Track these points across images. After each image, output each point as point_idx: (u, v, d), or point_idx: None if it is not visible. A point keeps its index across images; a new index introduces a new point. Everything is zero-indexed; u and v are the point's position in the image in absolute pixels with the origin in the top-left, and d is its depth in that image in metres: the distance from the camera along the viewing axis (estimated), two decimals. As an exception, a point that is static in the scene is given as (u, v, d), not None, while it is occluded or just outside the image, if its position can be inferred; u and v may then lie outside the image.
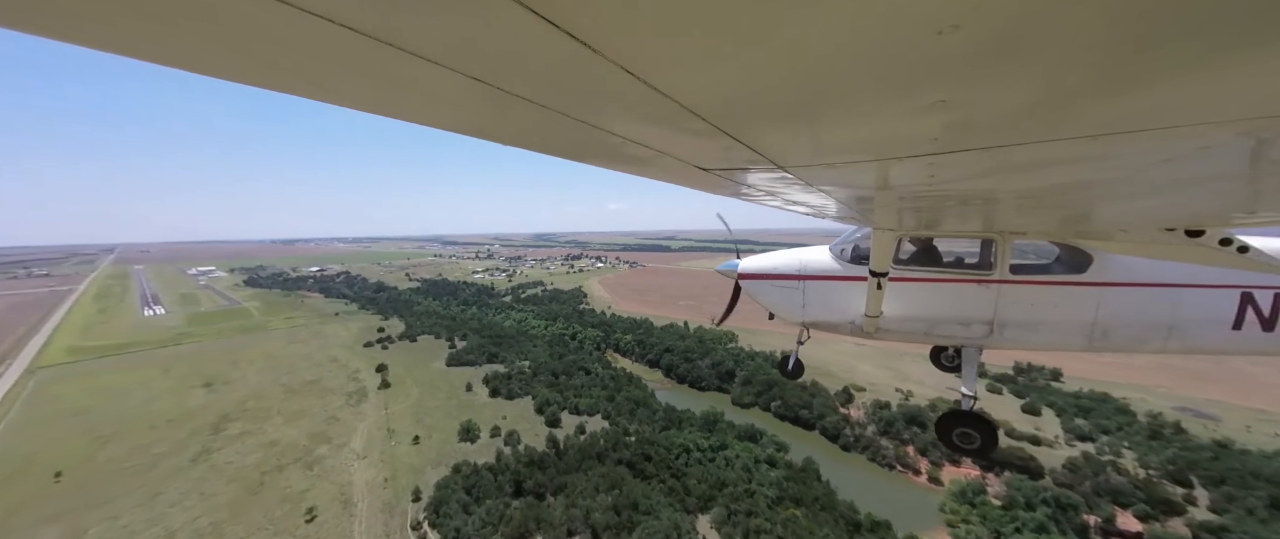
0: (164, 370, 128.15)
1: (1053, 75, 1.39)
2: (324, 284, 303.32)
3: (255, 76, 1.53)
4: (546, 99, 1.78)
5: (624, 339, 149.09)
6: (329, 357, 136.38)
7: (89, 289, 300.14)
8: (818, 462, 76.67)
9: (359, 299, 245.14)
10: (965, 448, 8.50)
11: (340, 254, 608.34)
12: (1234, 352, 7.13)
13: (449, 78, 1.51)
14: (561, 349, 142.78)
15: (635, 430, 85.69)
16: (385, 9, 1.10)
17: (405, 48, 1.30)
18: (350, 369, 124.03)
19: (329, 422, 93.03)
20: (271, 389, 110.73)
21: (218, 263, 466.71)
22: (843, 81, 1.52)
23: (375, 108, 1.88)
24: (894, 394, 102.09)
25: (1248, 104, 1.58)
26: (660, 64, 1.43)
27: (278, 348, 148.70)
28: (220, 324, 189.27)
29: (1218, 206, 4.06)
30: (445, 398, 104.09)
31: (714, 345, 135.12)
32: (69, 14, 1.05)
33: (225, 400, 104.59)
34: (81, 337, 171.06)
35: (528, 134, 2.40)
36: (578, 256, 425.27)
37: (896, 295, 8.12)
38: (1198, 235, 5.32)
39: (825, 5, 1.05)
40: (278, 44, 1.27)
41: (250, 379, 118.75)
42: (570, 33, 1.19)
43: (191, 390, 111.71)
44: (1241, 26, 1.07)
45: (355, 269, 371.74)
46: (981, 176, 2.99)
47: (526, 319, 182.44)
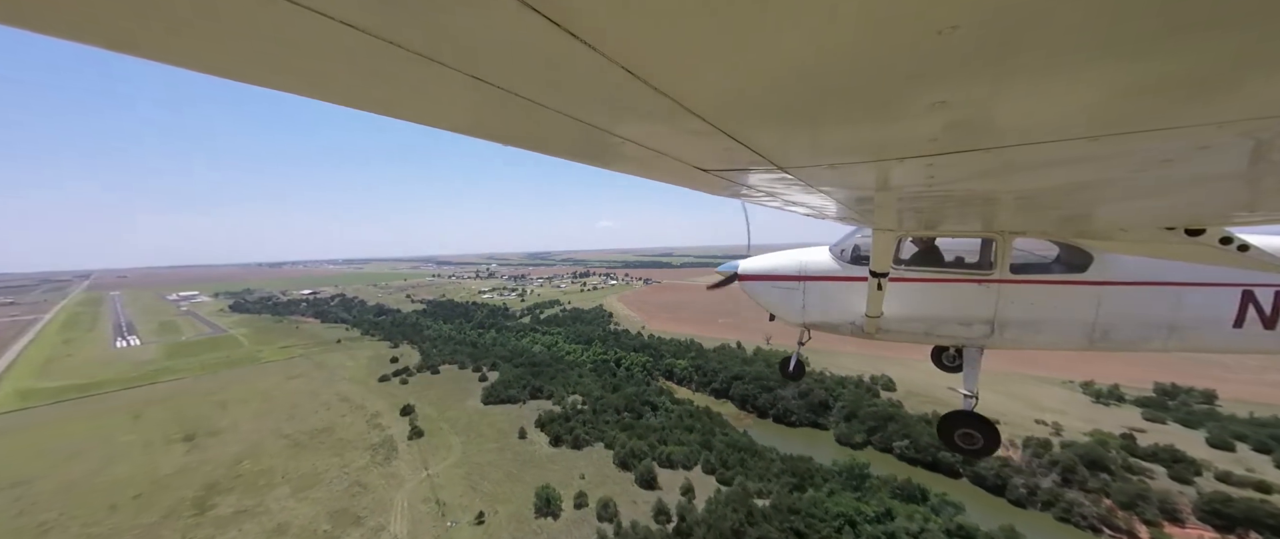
0: (134, 417, 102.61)
1: (1052, 75, 1.38)
2: (318, 308, 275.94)
3: (256, 75, 1.49)
4: (547, 98, 1.74)
5: (677, 364, 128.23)
6: (338, 394, 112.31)
7: (56, 318, 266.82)
8: (989, 523, 57.32)
9: (360, 323, 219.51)
10: (968, 449, 8.12)
11: (332, 276, 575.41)
12: (1235, 350, 7.03)
13: (449, 76, 1.48)
14: (610, 378, 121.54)
15: (762, 492, 64.90)
16: (385, 6, 1.07)
17: (405, 46, 1.27)
18: (368, 411, 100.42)
19: (353, 491, 69.63)
20: (272, 443, 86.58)
21: (201, 287, 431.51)
22: (842, 82, 1.49)
23: (375, 107, 1.82)
24: (1038, 428, 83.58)
25: (1248, 104, 1.56)
26: (660, 63, 1.41)
27: (274, 385, 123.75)
28: (204, 356, 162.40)
29: (1218, 206, 4.01)
30: (496, 449, 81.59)
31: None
32: (66, 10, 1.02)
33: (212, 461, 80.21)
34: (37, 376, 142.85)
35: (528, 134, 2.33)
36: (586, 274, 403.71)
37: (897, 295, 7.93)
38: (1198, 234, 5.19)
39: (825, 5, 1.03)
40: (277, 41, 1.24)
41: (243, 428, 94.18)
42: (571, 31, 1.17)
43: (168, 446, 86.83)
44: (1241, 26, 1.06)
45: (350, 291, 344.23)
46: (981, 176, 2.94)
47: (557, 342, 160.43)
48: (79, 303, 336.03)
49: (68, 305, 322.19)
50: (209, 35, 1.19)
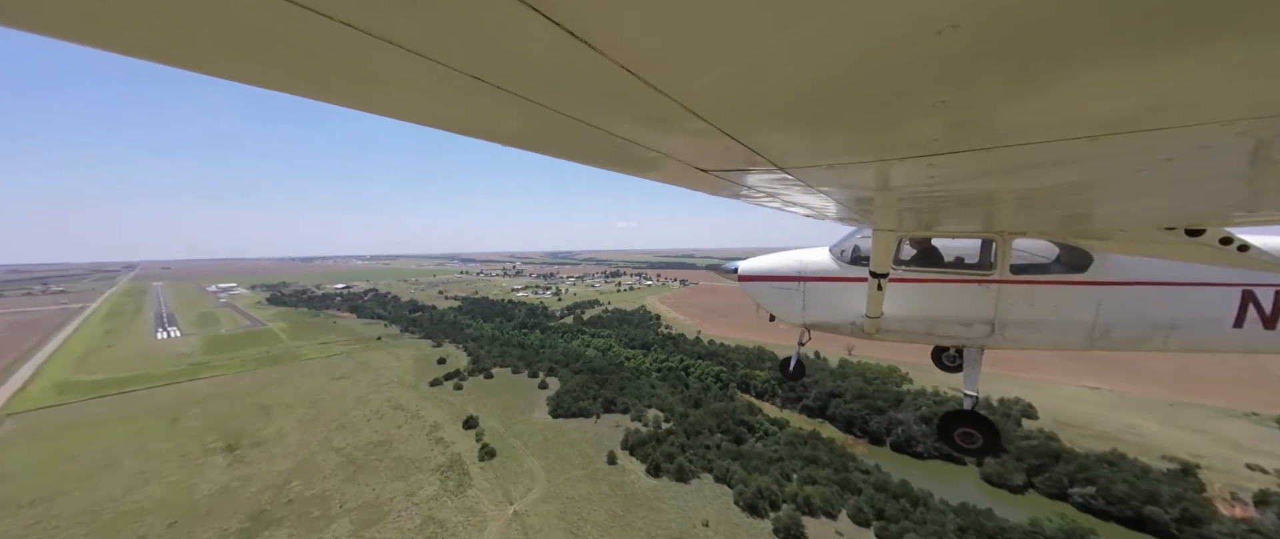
0: (171, 421, 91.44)
1: (1052, 75, 1.36)
2: (353, 302, 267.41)
3: (257, 76, 1.47)
4: (547, 99, 1.72)
5: (755, 376, 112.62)
6: (389, 401, 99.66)
7: (101, 307, 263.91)
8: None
9: (398, 320, 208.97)
10: (968, 448, 8.10)
11: (361, 271, 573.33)
12: (1235, 350, 6.87)
13: (450, 77, 1.46)
14: (683, 389, 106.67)
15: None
16: (386, 7, 1.06)
17: (407, 46, 1.25)
18: (425, 422, 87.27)
19: (428, 531, 55.84)
20: (324, 458, 73.77)
21: (238, 279, 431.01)
22: (843, 82, 1.47)
23: (376, 108, 1.80)
24: (1248, 473, 65.69)
25: (1248, 104, 1.55)
26: (661, 64, 1.39)
27: (318, 386, 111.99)
28: (244, 351, 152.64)
29: (1218, 206, 3.95)
30: (587, 478, 67.08)
31: (883, 386, 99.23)
32: (65, 10, 1.01)
33: (257, 479, 67.65)
34: (77, 368, 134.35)
35: (528, 134, 2.31)
36: (617, 274, 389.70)
37: (897, 296, 7.82)
38: (1198, 234, 5.17)
39: (825, 6, 1.02)
40: (280, 42, 1.23)
41: (290, 439, 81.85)
42: (571, 31, 1.16)
43: (208, 458, 74.75)
44: (1241, 26, 1.05)
45: (382, 286, 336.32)
46: (981, 176, 2.92)
47: (610, 346, 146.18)
48: (124, 292, 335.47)
49: (113, 295, 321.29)
50: (209, 36, 1.17)
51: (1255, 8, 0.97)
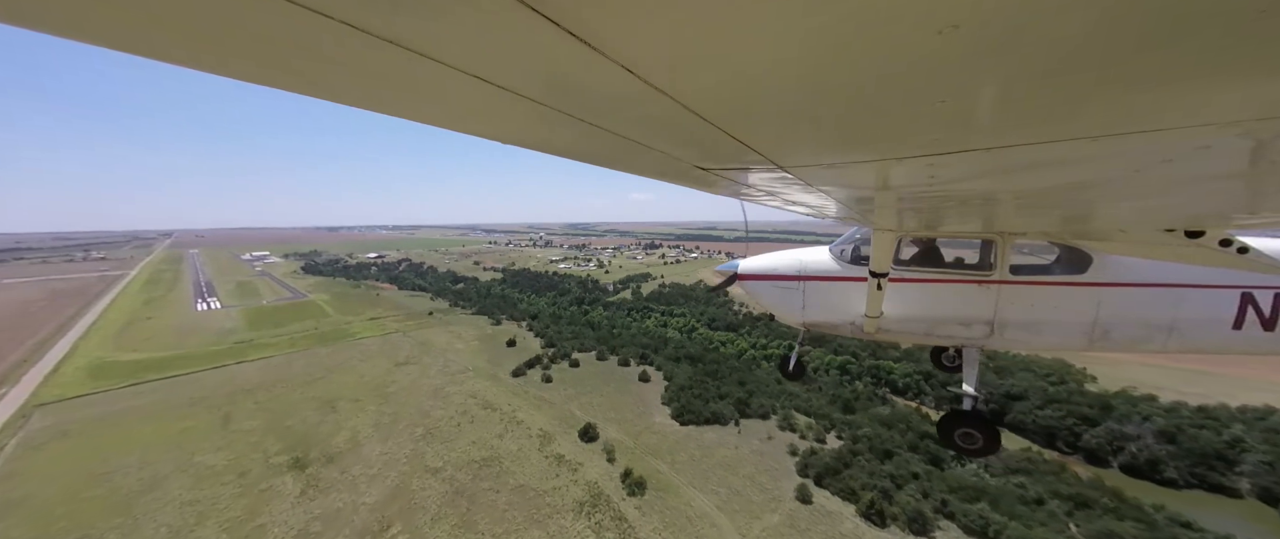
0: (222, 420, 74.02)
1: (1053, 75, 1.33)
2: (390, 272, 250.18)
3: (256, 74, 1.44)
4: (547, 98, 1.69)
5: (894, 370, 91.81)
6: (473, 397, 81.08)
7: (140, 274, 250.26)
8: None
9: (442, 292, 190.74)
10: (967, 448, 7.82)
11: (389, 240, 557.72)
12: (1234, 351, 6.85)
13: (450, 76, 1.42)
14: (814, 386, 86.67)
15: None
16: (387, 6, 1.04)
17: (406, 45, 1.23)
18: (530, 429, 68.40)
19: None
20: (422, 485, 55.10)
21: (271, 248, 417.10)
22: (843, 82, 1.45)
23: (376, 106, 1.78)
24: None
25: (1248, 104, 1.50)
26: (661, 63, 1.36)
27: (382, 374, 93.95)
28: (289, 326, 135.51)
29: (1218, 207, 3.84)
30: (790, 529, 47.46)
31: (1063, 386, 78.06)
32: (65, 9, 1.00)
33: (343, 520, 49.22)
34: (115, 345, 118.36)
35: (528, 133, 2.28)
36: (654, 245, 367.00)
37: (897, 296, 7.76)
38: (1198, 236, 5.06)
39: (825, 5, 0.99)
40: (280, 42, 1.21)
41: (370, 452, 63.53)
42: (571, 31, 1.13)
43: (271, 480, 56.49)
44: (1241, 26, 1.02)
45: (414, 256, 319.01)
46: (981, 176, 2.88)
47: (693, 326, 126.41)
48: (162, 260, 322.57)
49: (152, 262, 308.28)
50: (209, 34, 1.15)
51: (1255, 7, 0.94)
